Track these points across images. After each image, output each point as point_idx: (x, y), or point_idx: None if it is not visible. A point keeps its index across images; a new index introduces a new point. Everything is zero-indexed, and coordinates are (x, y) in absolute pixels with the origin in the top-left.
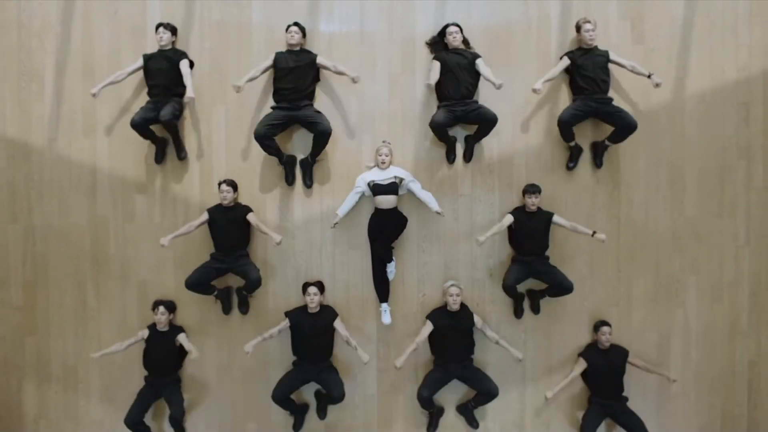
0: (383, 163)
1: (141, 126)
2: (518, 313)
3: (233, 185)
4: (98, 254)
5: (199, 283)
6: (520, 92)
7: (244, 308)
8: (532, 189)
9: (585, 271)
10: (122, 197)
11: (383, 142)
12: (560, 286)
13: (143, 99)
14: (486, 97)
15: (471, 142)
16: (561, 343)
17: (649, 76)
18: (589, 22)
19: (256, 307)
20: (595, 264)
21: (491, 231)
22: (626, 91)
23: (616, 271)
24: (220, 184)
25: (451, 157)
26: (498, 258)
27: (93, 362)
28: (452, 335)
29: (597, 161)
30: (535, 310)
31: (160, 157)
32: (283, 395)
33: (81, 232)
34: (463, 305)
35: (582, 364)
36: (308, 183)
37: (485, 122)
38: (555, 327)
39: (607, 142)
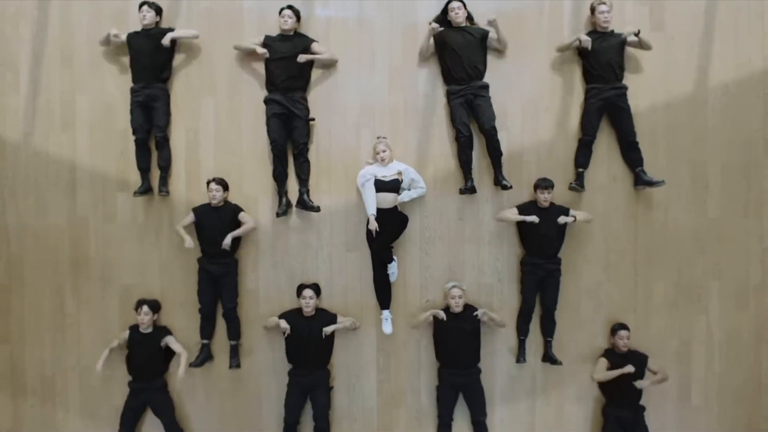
0: (383, 159)
1: (145, 141)
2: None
3: (223, 184)
4: (78, 256)
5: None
6: (531, 83)
7: (235, 360)
8: (544, 184)
9: (601, 275)
10: (103, 196)
11: (378, 138)
12: (543, 305)
13: (125, 89)
14: (494, 87)
15: None
16: (574, 353)
17: (636, 34)
18: (604, 3)
19: (248, 314)
20: (612, 267)
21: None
22: (645, 81)
23: (634, 275)
24: (208, 182)
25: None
26: (507, 261)
27: (72, 373)
28: (457, 337)
29: (638, 185)
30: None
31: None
32: (294, 420)
33: (59, 232)
34: (467, 306)
35: (604, 363)
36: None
37: (484, 131)
38: (568, 335)
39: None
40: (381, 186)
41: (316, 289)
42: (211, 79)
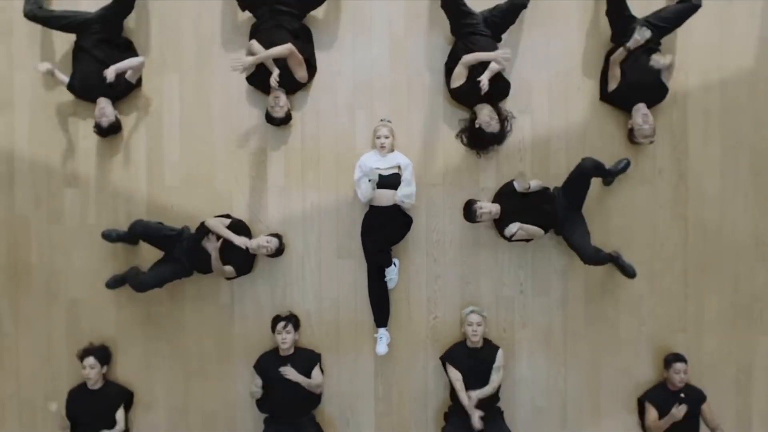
0: (383, 147)
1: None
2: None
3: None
4: (16, 264)
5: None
6: (559, 57)
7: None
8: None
9: (643, 286)
10: (48, 191)
11: (381, 120)
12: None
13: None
14: (517, 62)
15: None
16: (612, 381)
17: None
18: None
19: (219, 334)
20: (656, 277)
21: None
22: (694, 54)
23: (683, 287)
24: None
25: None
26: (531, 269)
27: (9, 402)
28: (473, 378)
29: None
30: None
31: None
32: None
33: None
34: (486, 341)
35: (653, 412)
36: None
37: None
38: (605, 359)
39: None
40: (380, 181)
41: (295, 322)
42: (177, 51)
